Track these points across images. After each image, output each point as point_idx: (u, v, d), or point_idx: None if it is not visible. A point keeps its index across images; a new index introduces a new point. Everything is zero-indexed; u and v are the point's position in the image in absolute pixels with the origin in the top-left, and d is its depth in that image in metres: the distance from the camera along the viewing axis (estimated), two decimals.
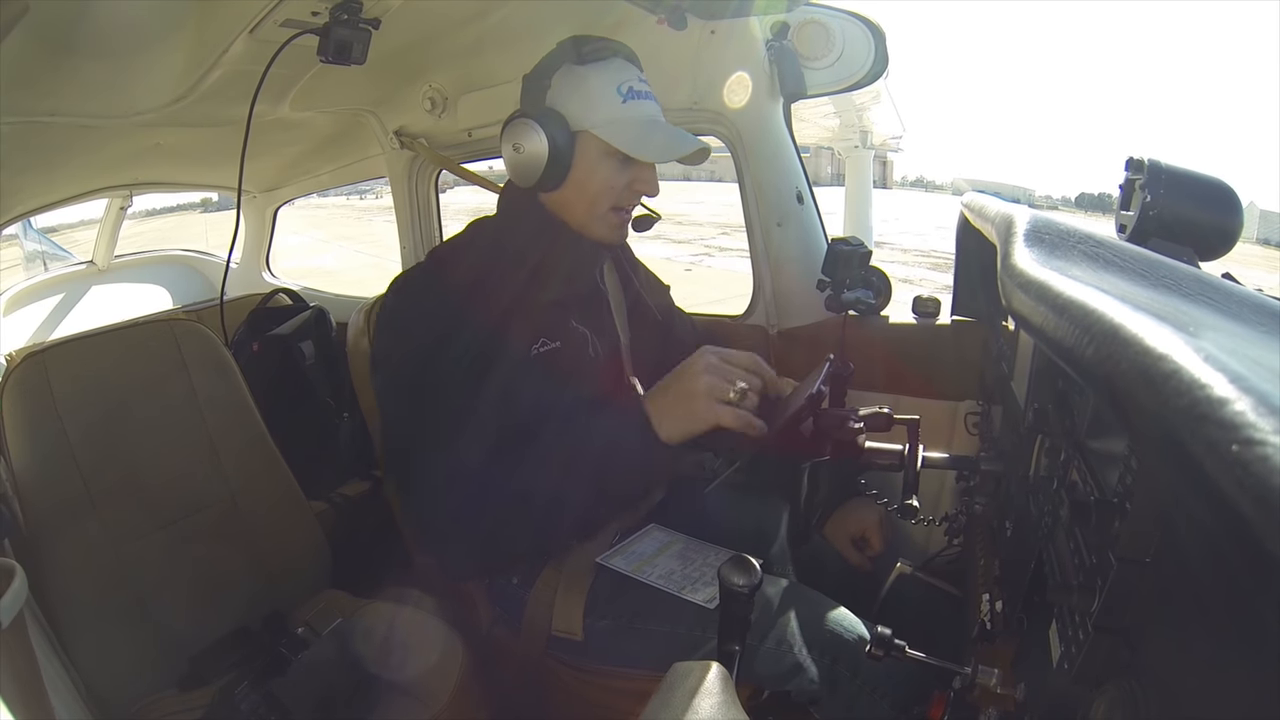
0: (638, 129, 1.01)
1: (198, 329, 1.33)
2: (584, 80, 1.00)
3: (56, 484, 1.11)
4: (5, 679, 0.66)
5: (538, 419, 0.96)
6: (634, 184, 1.04)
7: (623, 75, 1.02)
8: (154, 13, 1.03)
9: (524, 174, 1.02)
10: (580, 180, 1.02)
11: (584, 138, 1.01)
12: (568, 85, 1.01)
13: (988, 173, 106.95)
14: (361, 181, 2.36)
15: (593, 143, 1.01)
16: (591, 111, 1.00)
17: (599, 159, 1.01)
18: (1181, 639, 0.39)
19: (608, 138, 1.00)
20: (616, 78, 1.01)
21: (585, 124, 1.00)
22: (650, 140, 1.01)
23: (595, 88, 1.00)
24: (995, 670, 0.67)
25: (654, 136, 1.02)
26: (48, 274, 3.01)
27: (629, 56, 1.06)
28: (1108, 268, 0.48)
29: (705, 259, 11.88)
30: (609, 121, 1.00)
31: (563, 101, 1.01)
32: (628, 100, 1.01)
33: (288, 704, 0.99)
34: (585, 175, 1.02)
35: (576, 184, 1.03)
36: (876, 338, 1.39)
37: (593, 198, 1.04)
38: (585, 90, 1.00)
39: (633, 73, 1.04)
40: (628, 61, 1.05)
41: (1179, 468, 0.23)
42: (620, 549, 1.09)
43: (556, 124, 0.99)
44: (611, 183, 1.03)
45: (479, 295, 0.98)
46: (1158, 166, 0.85)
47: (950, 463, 0.98)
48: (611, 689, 1.04)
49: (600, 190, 1.03)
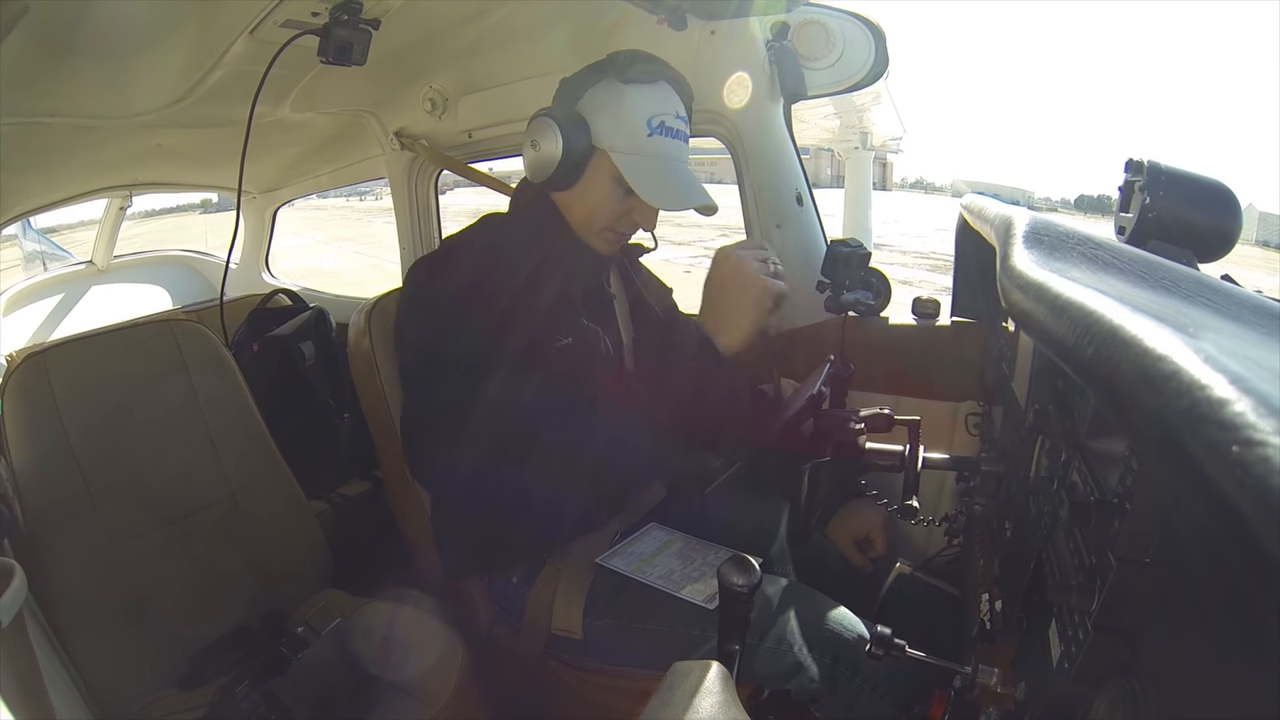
0: (653, 169, 1.01)
1: (198, 329, 1.33)
2: (619, 99, 1.00)
3: (57, 484, 1.10)
4: (5, 679, 0.66)
5: (551, 416, 0.96)
6: (632, 214, 1.05)
7: (660, 106, 1.01)
8: (154, 13, 1.03)
9: (536, 171, 1.03)
10: (585, 191, 1.03)
11: (600, 155, 1.01)
12: (602, 99, 1.01)
13: (987, 174, 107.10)
14: (361, 182, 2.36)
15: (607, 163, 1.01)
16: (615, 134, 1.00)
17: (608, 180, 1.02)
18: (1181, 639, 0.39)
19: (621, 166, 1.00)
20: (653, 107, 1.00)
21: (605, 143, 1.00)
22: (661, 185, 1.01)
23: (627, 111, 1.00)
24: (995, 670, 0.67)
25: (665, 181, 1.02)
26: (47, 274, 3.01)
27: (678, 85, 1.05)
28: (1107, 269, 0.48)
29: (705, 260, 11.83)
30: (628, 151, 1.00)
31: (593, 114, 1.01)
32: (654, 135, 1.00)
33: (288, 703, 0.99)
34: (590, 189, 1.03)
35: (581, 193, 1.03)
36: (876, 339, 1.39)
37: (590, 211, 1.04)
38: (616, 110, 1.00)
39: (673, 105, 1.03)
40: (674, 91, 1.04)
41: (1179, 469, 0.23)
42: (620, 549, 1.09)
43: (578, 132, 0.99)
44: (611, 206, 1.03)
45: (482, 292, 0.98)
46: (1157, 168, 0.85)
47: (951, 463, 0.98)
48: (611, 688, 1.04)
49: (598, 208, 1.04)
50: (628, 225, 1.07)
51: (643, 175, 1.00)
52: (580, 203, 1.05)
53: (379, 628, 1.14)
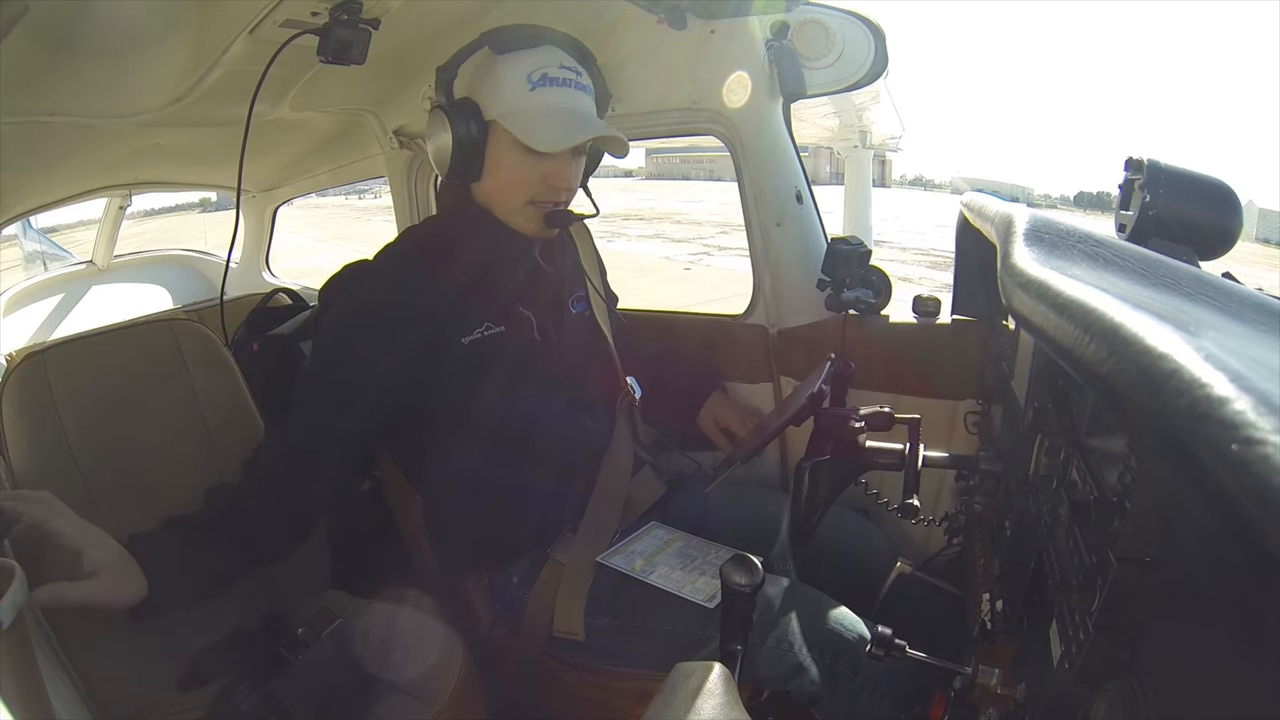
0: (540, 117, 0.97)
1: (198, 329, 1.33)
2: (494, 67, 0.97)
3: (56, 484, 1.10)
4: (5, 679, 0.66)
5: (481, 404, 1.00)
6: (547, 177, 1.01)
7: (539, 61, 0.97)
8: (154, 13, 1.03)
9: (438, 165, 1.01)
10: (493, 171, 1.00)
11: (495, 129, 0.98)
12: (478, 74, 0.98)
13: (986, 171, 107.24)
14: (360, 181, 2.36)
15: (501, 134, 0.98)
16: (499, 100, 0.97)
17: (508, 150, 0.98)
18: (1181, 638, 0.39)
19: (510, 127, 0.96)
20: (530, 65, 0.97)
21: (493, 113, 0.97)
22: (547, 127, 0.97)
23: (505, 75, 0.97)
24: (995, 670, 0.67)
25: (552, 123, 0.97)
26: (47, 274, 3.01)
27: (564, 43, 1.01)
28: (1108, 267, 0.48)
29: (704, 258, 11.88)
30: (514, 111, 0.97)
31: (476, 91, 0.98)
32: (537, 88, 0.96)
33: (288, 704, 0.99)
34: (497, 167, 1.00)
35: (491, 175, 1.01)
36: (876, 337, 1.39)
37: (503, 189, 1.02)
38: (494, 78, 0.97)
39: (555, 58, 0.99)
40: (557, 48, 1.00)
41: (1179, 467, 0.23)
42: (620, 548, 1.09)
43: (466, 114, 0.97)
44: (523, 175, 1.00)
45: (414, 286, 0.99)
46: (1157, 166, 0.85)
47: (950, 462, 0.98)
48: (611, 689, 1.04)
49: (511, 182, 1.01)
50: (546, 192, 1.02)
51: (528, 125, 0.96)
52: (493, 184, 1.02)
53: (379, 628, 1.14)
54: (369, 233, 15.48)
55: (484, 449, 1.03)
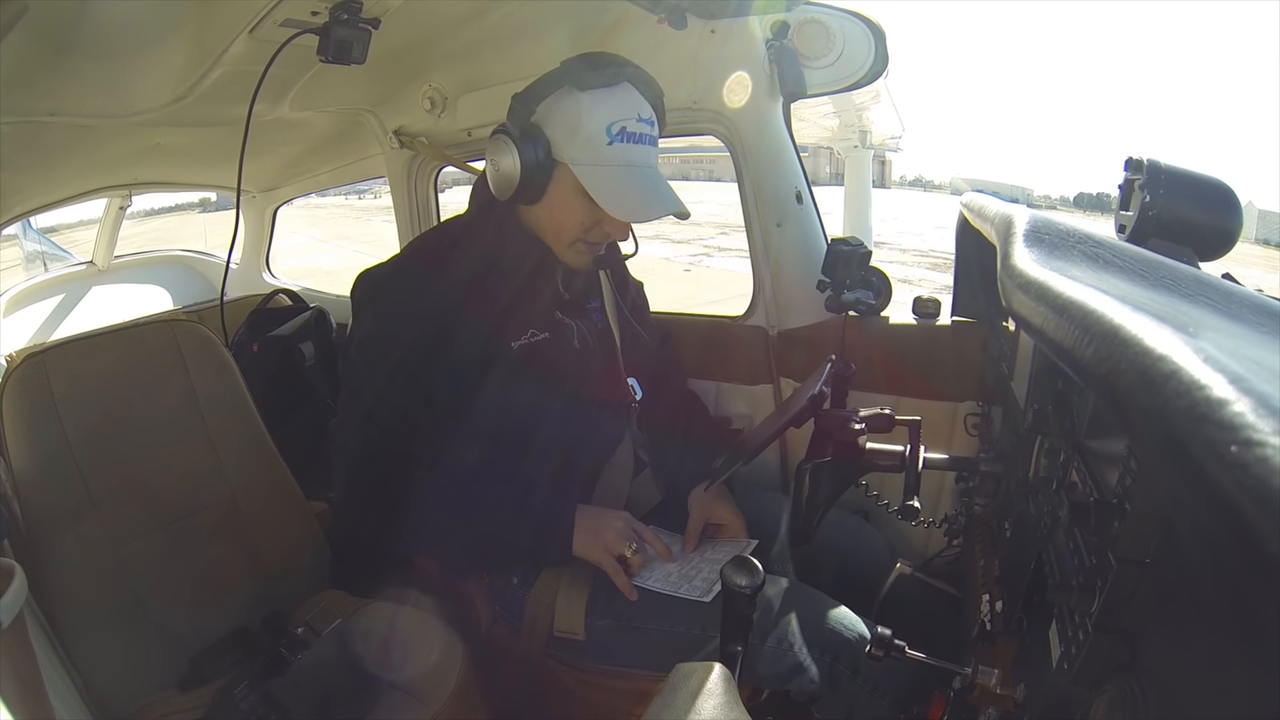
0: (616, 179, 0.96)
1: (198, 329, 1.33)
2: (575, 108, 0.95)
3: (56, 484, 1.10)
4: (5, 679, 0.66)
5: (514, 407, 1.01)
6: (602, 224, 1.01)
7: (620, 111, 0.96)
8: (154, 13, 1.03)
9: (500, 189, 1.00)
10: (551, 205, 1.00)
11: (562, 169, 0.97)
12: (558, 110, 0.96)
13: (986, 172, 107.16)
14: (361, 181, 2.36)
15: (569, 176, 0.97)
16: (574, 146, 0.96)
17: (573, 194, 0.98)
18: (1181, 639, 0.39)
19: (582, 179, 0.96)
20: (612, 113, 0.95)
21: (565, 157, 0.96)
22: (625, 196, 0.96)
23: (584, 120, 0.95)
24: (995, 670, 0.67)
25: (630, 191, 0.96)
26: (48, 274, 3.01)
27: (642, 84, 0.99)
28: (1107, 268, 0.48)
29: (704, 259, 11.88)
30: (590, 163, 0.96)
31: (550, 126, 0.96)
32: (615, 143, 0.95)
33: (287, 704, 0.99)
34: (556, 203, 1.00)
35: (548, 207, 1.01)
36: (876, 338, 1.39)
37: (559, 225, 1.02)
38: (574, 120, 0.95)
39: (635, 107, 0.97)
40: (636, 91, 0.98)
41: (1179, 468, 0.23)
42: None
43: (536, 146, 0.96)
44: (581, 220, 1.00)
45: (455, 291, 0.99)
46: (1157, 167, 0.85)
47: (950, 463, 0.98)
48: (611, 689, 1.04)
49: (566, 222, 1.01)
50: (599, 235, 1.03)
51: (606, 187, 0.95)
52: (548, 216, 1.02)
53: (379, 628, 1.14)
54: (369, 233, 15.49)
55: (512, 451, 1.05)
